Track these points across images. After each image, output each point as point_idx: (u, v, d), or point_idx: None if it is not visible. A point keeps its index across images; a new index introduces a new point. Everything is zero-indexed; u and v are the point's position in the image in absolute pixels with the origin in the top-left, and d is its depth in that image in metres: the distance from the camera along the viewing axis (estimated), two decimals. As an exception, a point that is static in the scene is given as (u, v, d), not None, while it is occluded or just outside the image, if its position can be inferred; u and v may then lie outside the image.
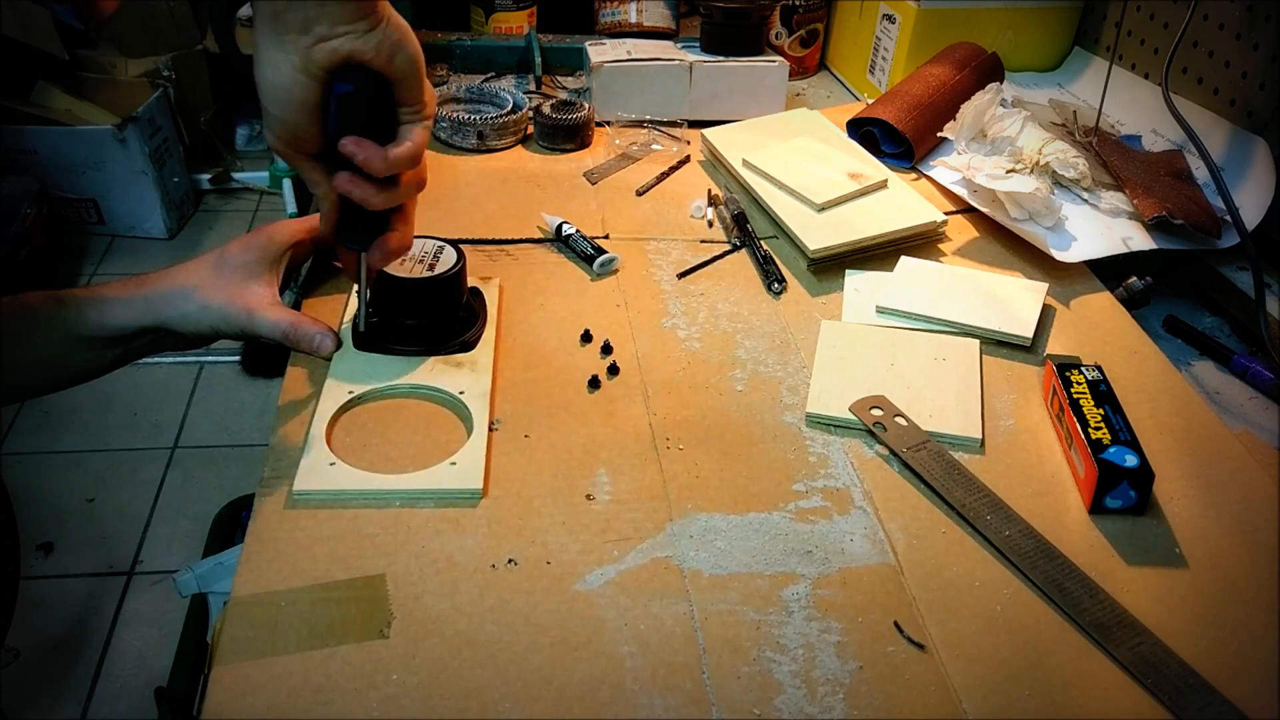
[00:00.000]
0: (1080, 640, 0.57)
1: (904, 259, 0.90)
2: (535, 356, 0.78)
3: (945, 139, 1.04)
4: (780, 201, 0.96)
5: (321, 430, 0.67)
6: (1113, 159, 1.00)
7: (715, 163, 1.07)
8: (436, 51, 1.29)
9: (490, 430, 0.69)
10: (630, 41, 1.21)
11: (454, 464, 0.66)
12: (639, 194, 0.89)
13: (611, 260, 0.87)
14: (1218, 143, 0.99)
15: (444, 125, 1.09)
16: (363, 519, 0.62)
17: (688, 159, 1.07)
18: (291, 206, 2.67)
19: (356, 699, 0.52)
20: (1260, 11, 0.95)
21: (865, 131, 1.10)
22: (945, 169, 1.03)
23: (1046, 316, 0.85)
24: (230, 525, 1.13)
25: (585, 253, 0.88)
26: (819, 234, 0.90)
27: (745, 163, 1.02)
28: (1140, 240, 0.92)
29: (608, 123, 1.14)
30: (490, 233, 0.94)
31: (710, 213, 0.98)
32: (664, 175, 0.91)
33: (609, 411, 0.73)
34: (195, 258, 0.71)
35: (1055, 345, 0.82)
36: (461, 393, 0.72)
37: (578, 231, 0.89)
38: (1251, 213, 0.91)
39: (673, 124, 1.14)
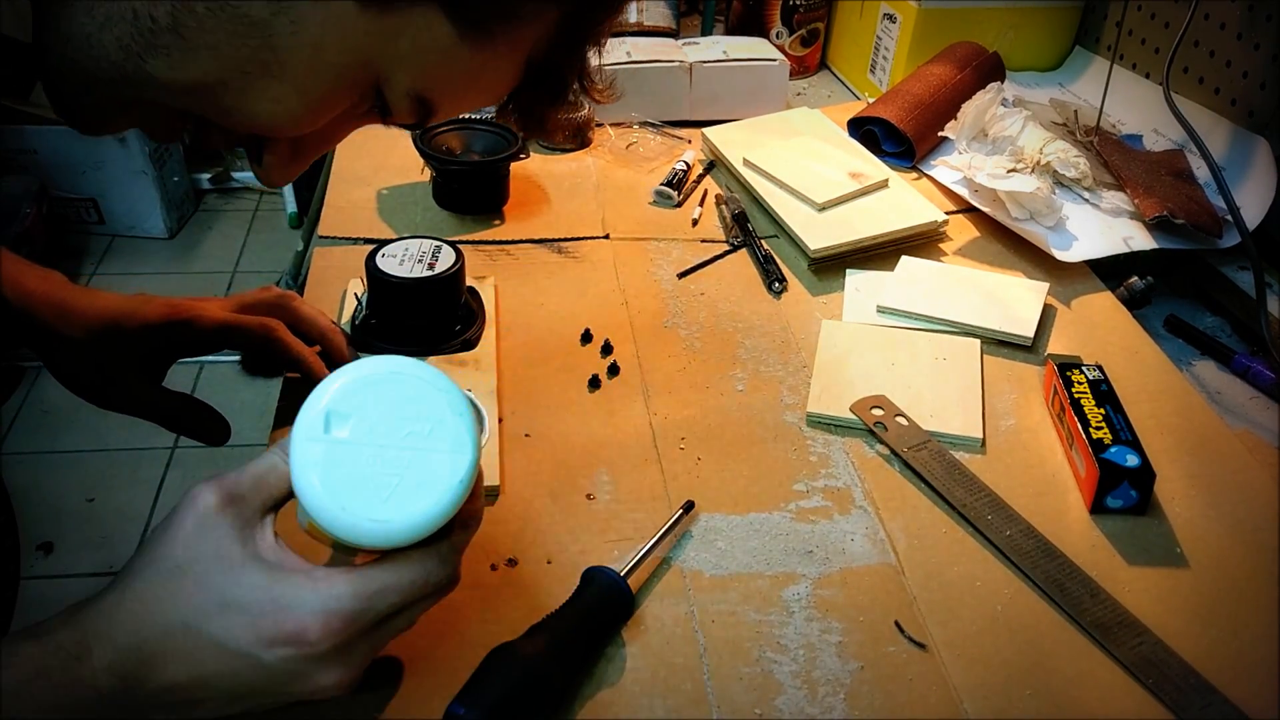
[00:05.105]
0: (1081, 640, 0.57)
1: (905, 258, 0.90)
2: (535, 356, 0.78)
3: (946, 138, 1.04)
4: (781, 201, 0.96)
5: None
6: (1114, 158, 1.00)
7: (716, 162, 1.07)
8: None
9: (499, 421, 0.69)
10: (630, 41, 1.21)
11: None
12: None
13: None
14: (1219, 142, 0.99)
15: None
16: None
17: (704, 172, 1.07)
18: (291, 206, 2.68)
19: (357, 699, 0.52)
20: (1261, 11, 0.95)
21: (866, 131, 1.09)
22: (946, 168, 1.03)
23: (1047, 316, 0.85)
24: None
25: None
26: (820, 233, 0.90)
27: (746, 162, 1.02)
28: (1141, 240, 0.92)
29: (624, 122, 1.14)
30: (490, 232, 0.94)
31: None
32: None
33: (609, 411, 0.73)
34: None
35: (1056, 345, 0.82)
36: (469, 390, 0.72)
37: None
38: (1252, 212, 0.91)
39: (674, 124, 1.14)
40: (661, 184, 1.01)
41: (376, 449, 0.43)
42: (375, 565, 0.44)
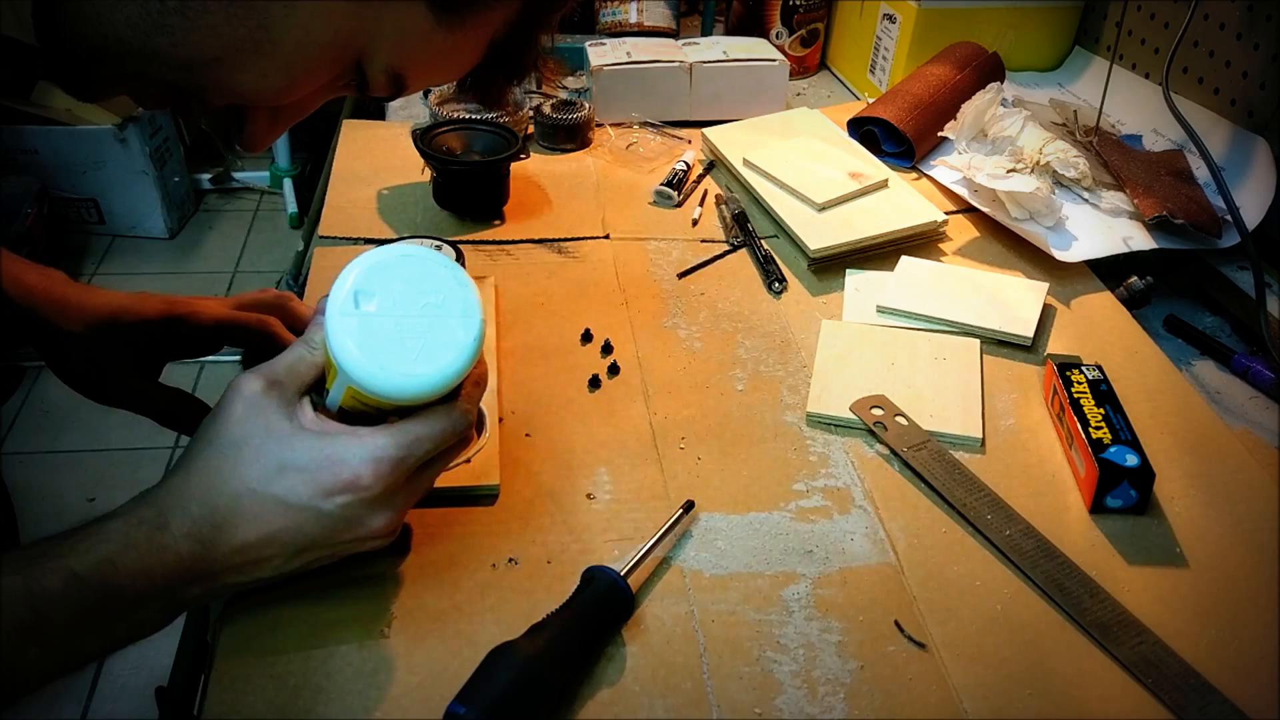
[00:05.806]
0: (1081, 640, 0.57)
1: (904, 259, 0.90)
2: (536, 356, 0.78)
3: (946, 138, 1.04)
4: (781, 201, 0.96)
5: None
6: (1113, 158, 1.00)
7: (716, 162, 1.07)
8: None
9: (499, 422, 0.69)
10: (630, 41, 1.21)
11: (468, 462, 0.66)
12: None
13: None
14: (1218, 142, 0.99)
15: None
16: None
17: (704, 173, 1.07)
18: (292, 206, 2.68)
19: (357, 698, 0.52)
20: (1261, 11, 0.95)
21: (866, 131, 1.09)
22: (946, 168, 1.03)
23: (1047, 316, 0.85)
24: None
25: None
26: (819, 233, 0.90)
27: (746, 162, 1.02)
28: (1141, 240, 0.92)
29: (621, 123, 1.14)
30: (490, 232, 0.94)
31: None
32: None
33: (609, 411, 0.73)
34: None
35: (1056, 345, 0.82)
36: None
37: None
38: (1252, 212, 0.91)
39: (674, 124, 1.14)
40: (661, 184, 1.01)
41: (400, 318, 0.49)
42: (408, 420, 0.51)
